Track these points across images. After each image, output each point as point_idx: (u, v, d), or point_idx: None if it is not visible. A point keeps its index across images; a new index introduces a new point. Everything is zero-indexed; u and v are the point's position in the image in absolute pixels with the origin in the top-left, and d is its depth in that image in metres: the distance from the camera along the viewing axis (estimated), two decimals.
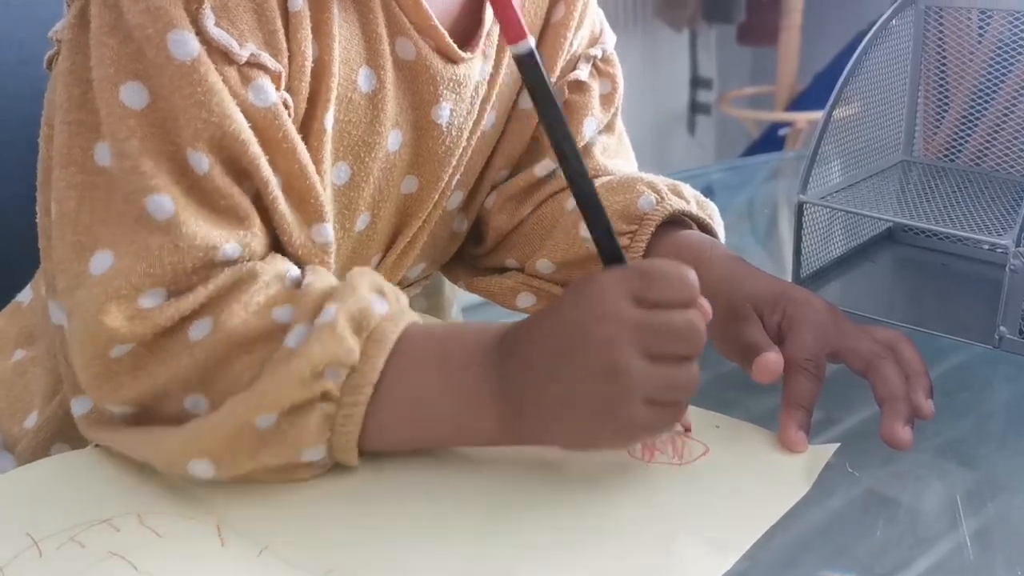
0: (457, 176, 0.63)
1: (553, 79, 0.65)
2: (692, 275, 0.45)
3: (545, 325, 0.46)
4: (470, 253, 0.70)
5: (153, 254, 0.46)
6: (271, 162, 0.49)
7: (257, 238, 0.50)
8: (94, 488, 0.47)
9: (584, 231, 0.63)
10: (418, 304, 0.71)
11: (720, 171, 1.18)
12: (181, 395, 0.47)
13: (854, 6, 2.36)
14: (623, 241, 0.61)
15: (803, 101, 2.41)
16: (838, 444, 0.51)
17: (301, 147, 0.50)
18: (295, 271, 0.50)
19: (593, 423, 0.45)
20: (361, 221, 0.59)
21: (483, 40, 0.59)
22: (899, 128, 0.77)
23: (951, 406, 0.56)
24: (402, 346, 0.46)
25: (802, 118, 2.36)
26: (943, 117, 0.76)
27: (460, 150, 0.61)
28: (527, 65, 0.46)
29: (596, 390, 0.44)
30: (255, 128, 0.48)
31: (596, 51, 0.66)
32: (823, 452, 0.50)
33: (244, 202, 0.49)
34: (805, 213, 0.68)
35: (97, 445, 0.50)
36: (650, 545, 0.44)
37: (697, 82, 2.61)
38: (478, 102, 0.61)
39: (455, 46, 0.57)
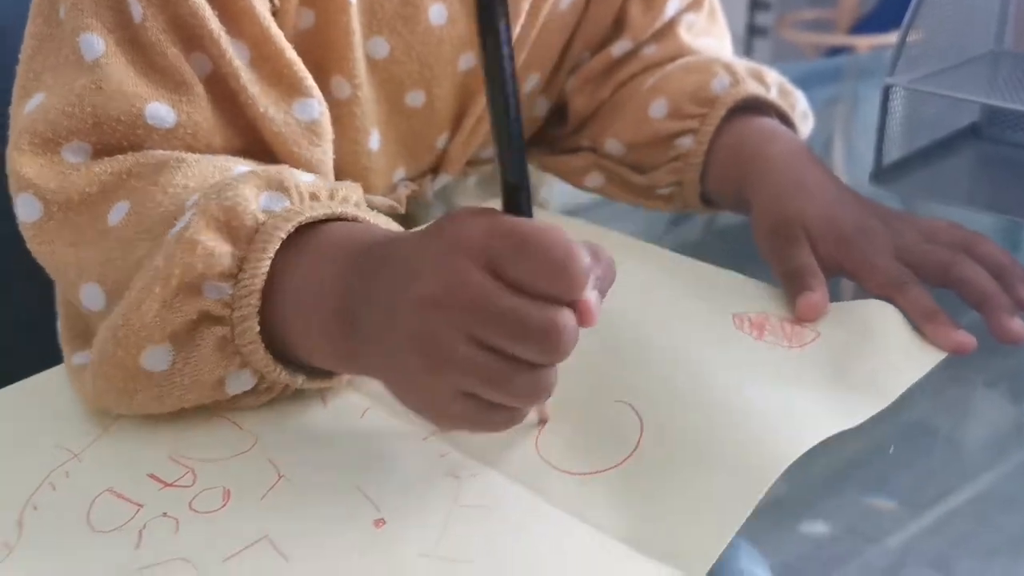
0: (524, 54, 0.61)
1: None
2: (580, 264, 0.34)
3: (400, 247, 0.38)
4: (551, 134, 0.68)
5: (75, 93, 0.44)
6: (231, 27, 0.47)
7: (200, 111, 0.46)
8: None
9: (654, 111, 0.61)
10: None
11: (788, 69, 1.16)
12: (78, 281, 0.43)
13: None
14: (692, 123, 0.60)
15: (866, 25, 2.34)
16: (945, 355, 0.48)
17: (262, 9, 0.47)
18: (243, 165, 0.45)
19: (407, 385, 0.37)
20: (412, 98, 0.58)
21: None
22: (991, 18, 0.74)
23: None
24: (294, 248, 0.40)
25: (864, 43, 2.30)
26: None
27: (521, 23, 0.59)
28: None
29: (410, 357, 0.36)
30: None
31: None
32: (934, 354, 0.47)
33: (183, 67, 0.46)
34: (891, 98, 0.65)
35: None
36: (735, 425, 0.41)
37: (755, 4, 2.55)
38: None
39: None
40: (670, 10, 0.64)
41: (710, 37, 0.67)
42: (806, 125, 0.63)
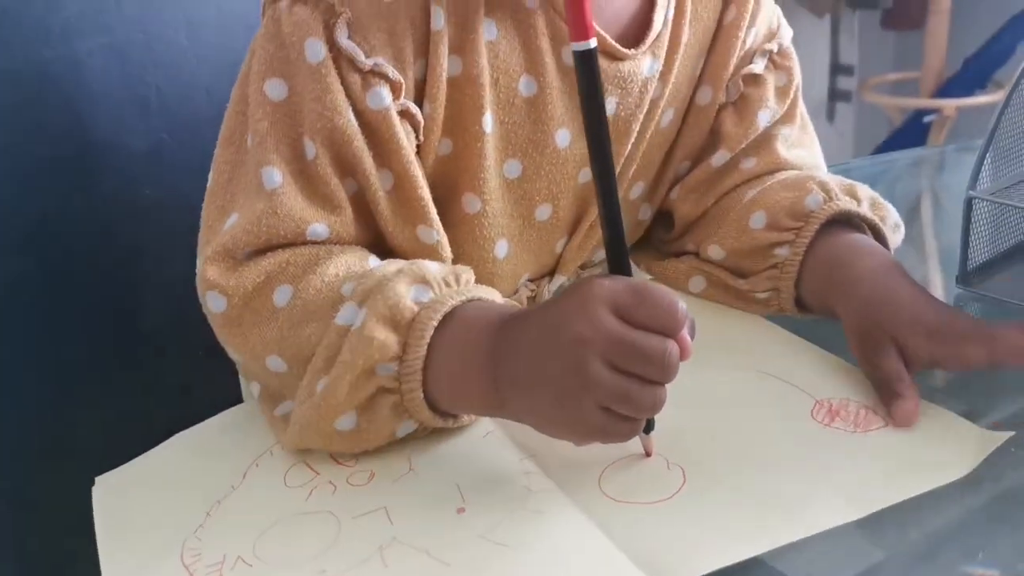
0: (633, 167, 0.67)
1: (727, 75, 0.69)
2: (681, 308, 0.47)
3: (538, 313, 0.50)
4: (659, 238, 0.75)
5: (256, 215, 0.55)
6: (380, 160, 0.57)
7: (346, 227, 0.57)
8: None
9: (753, 222, 0.66)
10: None
11: (862, 164, 1.18)
12: (264, 356, 0.55)
13: None
14: (788, 236, 0.64)
15: (951, 87, 2.33)
16: (1012, 433, 0.52)
17: (408, 150, 0.57)
18: (374, 259, 0.57)
19: (553, 411, 0.49)
20: (541, 211, 0.65)
21: (651, 40, 0.64)
22: None
23: None
24: (444, 330, 0.51)
25: (950, 105, 2.29)
26: None
27: (632, 142, 0.66)
28: (583, 63, 0.49)
29: (560, 382, 0.47)
30: (366, 127, 0.56)
31: (772, 45, 0.70)
32: (994, 438, 0.52)
33: (340, 193, 0.56)
34: (974, 208, 0.69)
35: None
36: (791, 490, 0.49)
37: (837, 68, 2.56)
38: (648, 97, 0.65)
39: (617, 45, 0.62)
40: (762, 121, 0.69)
41: (802, 148, 0.72)
42: (897, 236, 0.68)
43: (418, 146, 0.59)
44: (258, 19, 0.61)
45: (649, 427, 0.52)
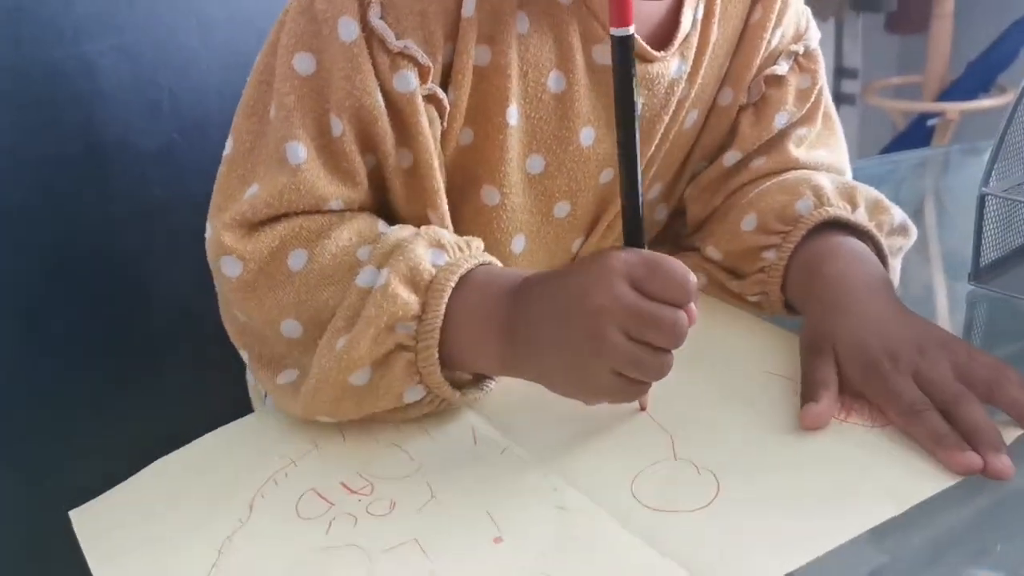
0: (654, 168, 0.68)
1: (750, 76, 0.68)
2: (692, 280, 0.50)
3: (556, 280, 0.53)
4: (675, 233, 0.75)
5: (277, 190, 0.56)
6: (402, 140, 0.58)
7: (361, 197, 0.58)
8: None
9: (745, 224, 0.66)
10: None
11: (866, 165, 1.18)
12: (279, 320, 0.56)
13: None
14: (775, 239, 0.64)
15: (954, 91, 2.34)
16: (1022, 431, 0.52)
17: (429, 135, 0.58)
18: (383, 224, 0.58)
19: (567, 374, 0.52)
20: (560, 208, 0.65)
21: (679, 42, 0.63)
22: None
23: None
24: (460, 292, 0.54)
25: (953, 108, 2.29)
26: None
27: (655, 143, 0.65)
28: (620, 48, 0.52)
29: (575, 347, 0.50)
30: (392, 107, 0.57)
31: (799, 47, 0.69)
32: (1007, 434, 0.52)
33: (361, 169, 0.58)
34: (986, 205, 0.69)
35: None
36: (831, 489, 0.49)
37: (841, 72, 2.56)
38: (674, 99, 0.64)
39: (647, 46, 0.61)
40: (779, 123, 0.69)
41: (825, 148, 0.71)
42: (903, 238, 0.67)
43: (441, 132, 0.60)
44: (269, 20, 0.61)
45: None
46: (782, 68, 0.68)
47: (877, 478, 0.50)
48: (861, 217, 0.64)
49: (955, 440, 0.50)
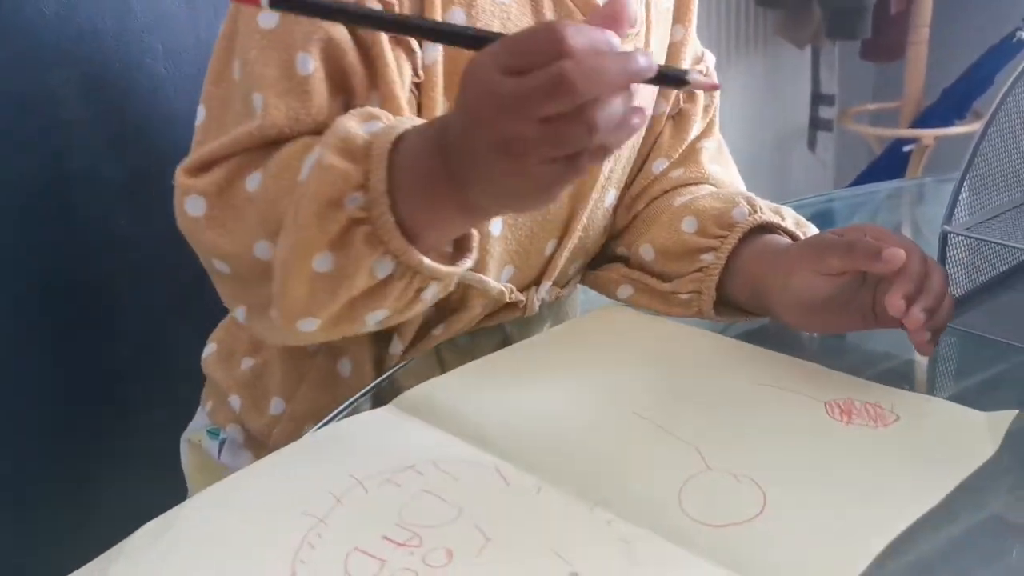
0: (614, 174, 0.72)
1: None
2: (556, 27, 0.44)
3: (455, 115, 0.50)
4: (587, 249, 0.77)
5: (240, 134, 0.57)
6: (372, 82, 0.58)
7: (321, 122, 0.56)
8: (396, 439, 0.56)
9: (685, 225, 0.71)
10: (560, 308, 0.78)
11: (843, 195, 1.19)
12: (251, 244, 0.56)
13: (983, 21, 2.30)
14: (714, 243, 0.69)
15: (930, 117, 2.36)
16: (1016, 411, 0.54)
17: (396, 76, 0.58)
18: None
19: (513, 191, 0.49)
20: None
21: (639, 25, 0.68)
22: None
23: None
24: (399, 154, 0.52)
25: (929, 134, 2.31)
26: None
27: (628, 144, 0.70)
28: None
29: (500, 163, 0.47)
30: (359, 44, 0.57)
31: (702, 67, 0.77)
32: (1003, 418, 0.54)
33: (326, 110, 0.57)
34: (949, 243, 0.69)
35: (392, 404, 0.59)
36: (848, 495, 0.50)
37: (818, 98, 2.58)
38: None
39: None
40: (691, 134, 0.76)
41: (719, 165, 0.78)
42: None
43: (417, 85, 0.60)
44: None
45: (675, 78, 0.50)
46: None
47: (905, 472, 0.51)
48: (790, 224, 0.70)
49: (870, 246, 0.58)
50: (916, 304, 0.57)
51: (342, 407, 0.61)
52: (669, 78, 0.50)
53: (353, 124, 0.53)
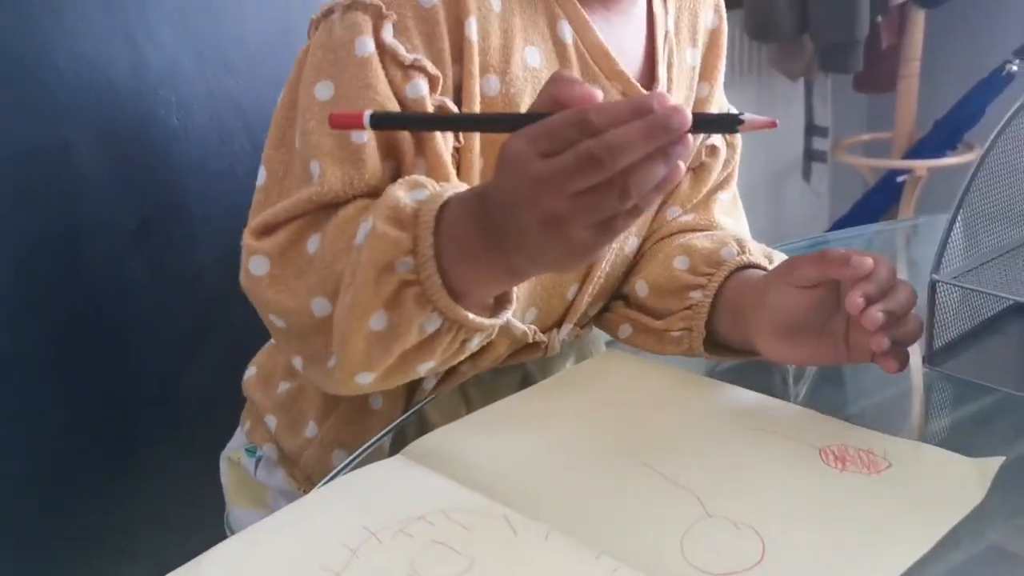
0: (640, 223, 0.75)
1: (697, 143, 0.77)
2: (579, 109, 0.48)
3: (494, 190, 0.53)
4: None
5: (302, 200, 0.61)
6: (418, 149, 0.62)
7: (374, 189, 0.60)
8: (406, 489, 0.57)
9: (677, 264, 0.74)
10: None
11: (837, 236, 1.21)
12: (309, 301, 0.59)
13: (973, 54, 2.34)
14: (702, 280, 0.72)
15: (922, 148, 2.38)
16: (1003, 458, 0.55)
17: (441, 143, 0.62)
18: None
19: (555, 257, 0.52)
20: None
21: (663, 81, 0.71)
22: None
23: None
24: (445, 220, 0.55)
25: (921, 165, 2.34)
26: None
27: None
28: None
29: (541, 236, 0.50)
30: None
31: None
32: (990, 464, 0.56)
33: (380, 175, 0.61)
34: (938, 291, 0.71)
35: (402, 454, 0.60)
36: (844, 543, 0.51)
37: (812, 130, 2.61)
38: None
39: (640, 87, 0.68)
40: (710, 183, 0.78)
41: (731, 217, 0.81)
42: None
43: (457, 150, 0.64)
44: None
45: (729, 121, 0.51)
46: (718, 139, 0.78)
47: (898, 519, 0.52)
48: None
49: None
50: (875, 305, 0.59)
51: (370, 443, 0.66)
52: (722, 123, 0.53)
53: (401, 193, 0.57)
